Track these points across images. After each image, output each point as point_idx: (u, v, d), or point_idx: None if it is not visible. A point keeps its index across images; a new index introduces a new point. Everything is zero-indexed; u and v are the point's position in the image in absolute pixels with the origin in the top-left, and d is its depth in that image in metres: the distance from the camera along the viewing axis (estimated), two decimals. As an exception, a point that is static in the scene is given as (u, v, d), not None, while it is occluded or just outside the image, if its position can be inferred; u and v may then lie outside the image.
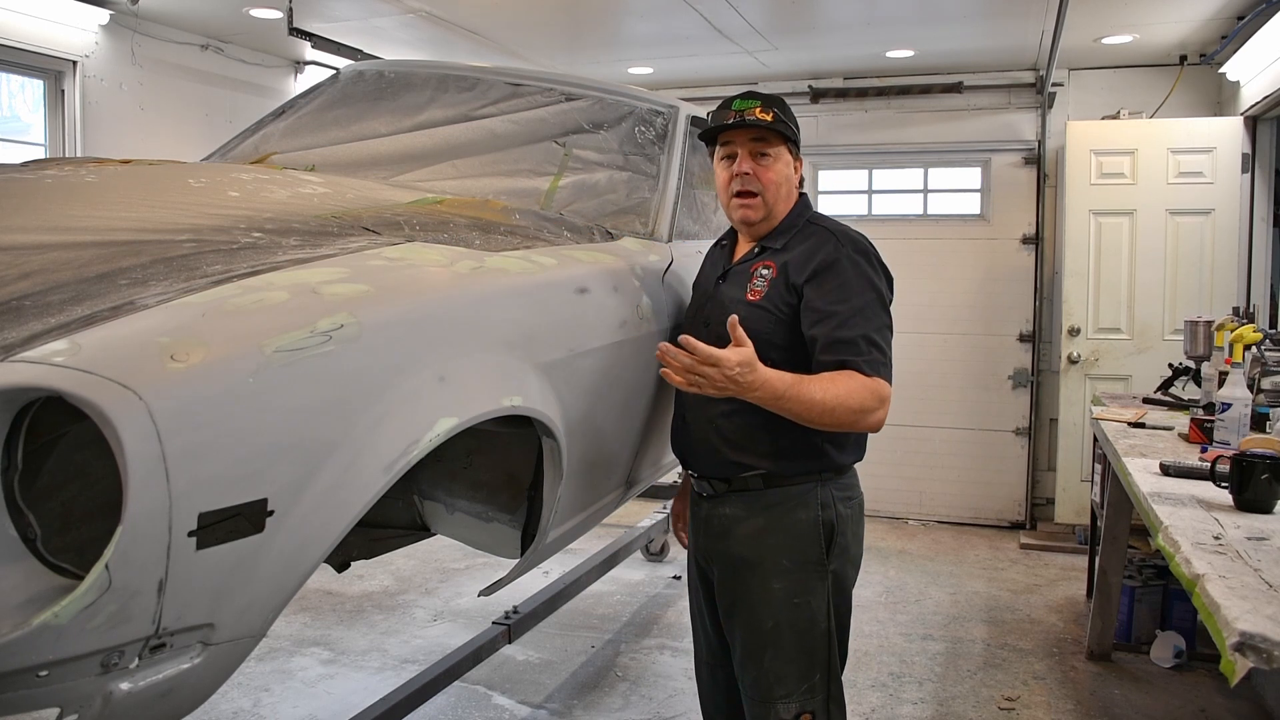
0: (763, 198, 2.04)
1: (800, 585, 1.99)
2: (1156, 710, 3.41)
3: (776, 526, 2.00)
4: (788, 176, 2.07)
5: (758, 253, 2.07)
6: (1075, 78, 5.68)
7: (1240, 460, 2.13)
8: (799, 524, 1.99)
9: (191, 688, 1.27)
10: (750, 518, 2.03)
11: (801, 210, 2.10)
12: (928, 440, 5.96)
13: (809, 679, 1.98)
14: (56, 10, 4.33)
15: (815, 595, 1.99)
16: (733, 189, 2.05)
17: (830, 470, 2.02)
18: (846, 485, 2.06)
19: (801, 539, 1.99)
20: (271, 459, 1.25)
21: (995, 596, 4.60)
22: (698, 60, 5.58)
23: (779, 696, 1.98)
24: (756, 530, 2.02)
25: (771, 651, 1.99)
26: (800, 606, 1.99)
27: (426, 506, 2.29)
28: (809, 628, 1.99)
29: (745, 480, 2.02)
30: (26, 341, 1.16)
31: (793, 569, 1.99)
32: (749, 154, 2.03)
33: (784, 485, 2.00)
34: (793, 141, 2.06)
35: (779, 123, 2.01)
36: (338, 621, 4.09)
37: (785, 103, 2.08)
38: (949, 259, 5.92)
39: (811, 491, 2.00)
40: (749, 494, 2.03)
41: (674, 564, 5.00)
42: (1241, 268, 5.11)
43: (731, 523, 2.05)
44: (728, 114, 2.04)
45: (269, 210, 1.78)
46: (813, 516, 1.99)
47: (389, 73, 2.99)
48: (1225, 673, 1.38)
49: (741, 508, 2.04)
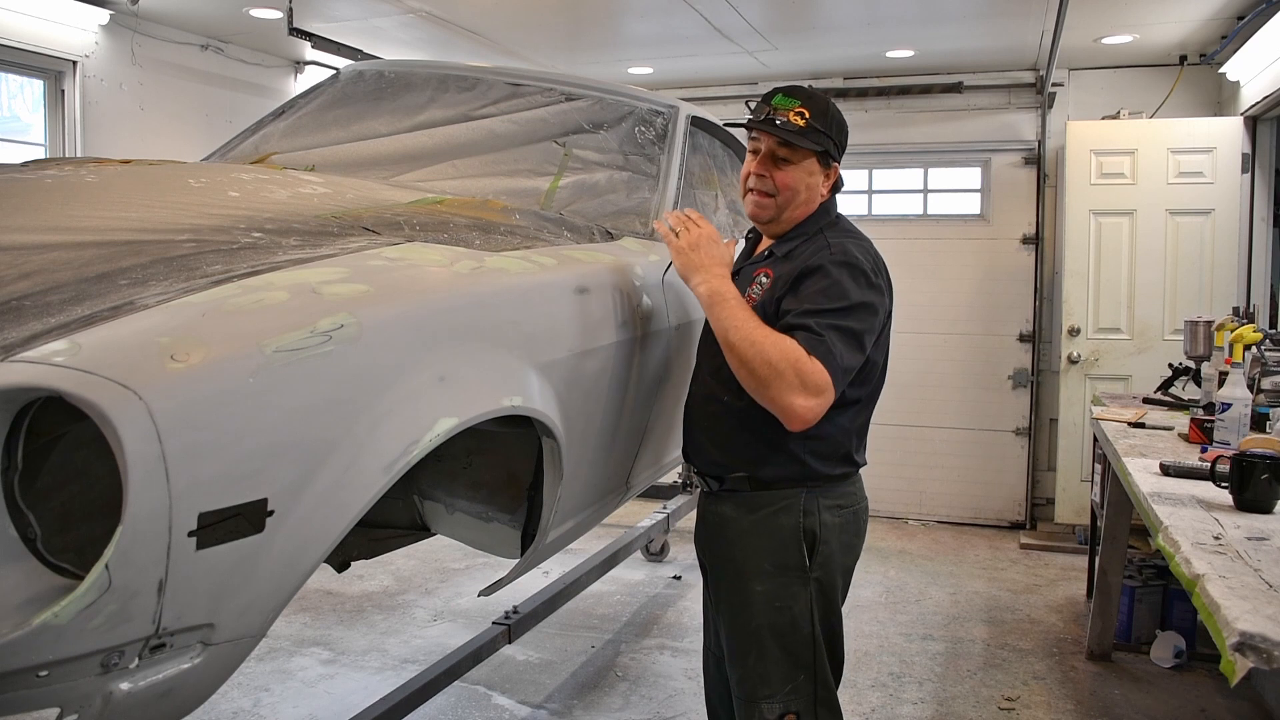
0: (775, 200, 2.01)
1: (781, 589, 1.98)
2: (1156, 710, 3.41)
3: (759, 530, 2.00)
4: (807, 184, 2.01)
5: (765, 257, 2.07)
6: (1075, 78, 5.68)
7: (1240, 460, 2.13)
8: (780, 529, 1.98)
9: (191, 688, 1.27)
10: (739, 519, 2.03)
11: (820, 218, 2.04)
12: (928, 440, 5.96)
13: (793, 680, 1.98)
14: (56, 10, 4.33)
15: (797, 600, 1.98)
16: (749, 185, 2.04)
17: (814, 479, 1.99)
18: (839, 494, 2.03)
19: (783, 544, 1.98)
20: (272, 459, 1.25)
21: (995, 596, 4.60)
22: (698, 60, 5.58)
23: (763, 697, 1.98)
24: (742, 532, 2.02)
25: (755, 652, 2.00)
26: (781, 610, 1.98)
27: (426, 506, 2.29)
28: (791, 631, 1.98)
29: (734, 481, 2.03)
30: (26, 341, 1.16)
31: (774, 573, 1.99)
32: (768, 154, 2.00)
33: (766, 490, 2.00)
34: (824, 151, 2.00)
35: (809, 132, 1.96)
36: (338, 621, 4.09)
37: (829, 107, 2.01)
38: (949, 259, 5.92)
39: (795, 498, 1.98)
40: (738, 495, 2.03)
41: (674, 564, 5.00)
42: (1241, 268, 5.11)
43: (724, 522, 2.06)
44: (765, 109, 1.99)
45: (269, 210, 1.78)
46: (794, 523, 1.98)
47: (389, 73, 2.99)
48: (1225, 673, 1.38)
49: (732, 508, 2.04)
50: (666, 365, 2.30)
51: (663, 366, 2.28)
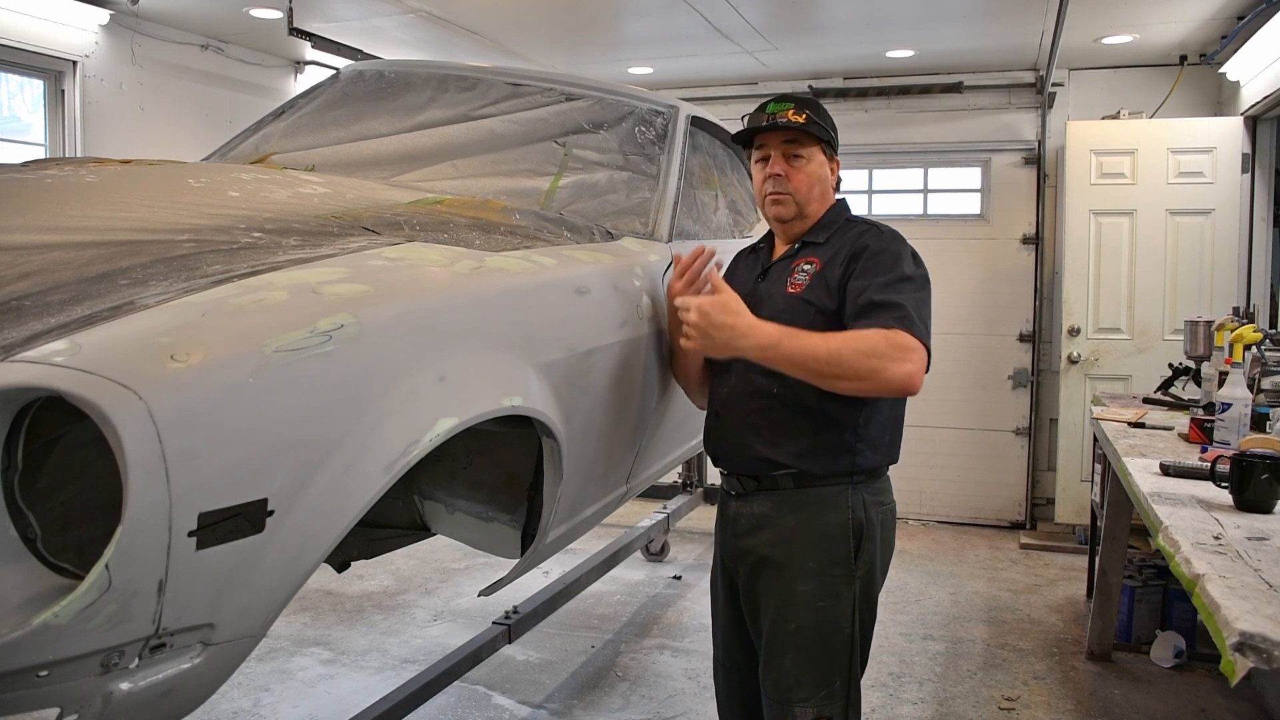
0: (794, 197, 2.05)
1: (826, 588, 1.97)
2: (1156, 710, 3.41)
3: (805, 528, 1.98)
4: (822, 177, 2.08)
5: (799, 248, 2.08)
6: (1075, 78, 5.68)
7: (1240, 460, 2.13)
8: (828, 526, 1.97)
9: (191, 688, 1.27)
10: (779, 517, 2.00)
11: (840, 210, 2.12)
12: (928, 440, 5.96)
13: (829, 684, 1.96)
14: (56, 10, 4.33)
15: (841, 599, 1.97)
16: (766, 189, 2.07)
17: (861, 473, 1.99)
18: (879, 490, 2.04)
19: (830, 542, 1.97)
20: (272, 459, 1.25)
21: (995, 596, 4.60)
22: (698, 60, 5.58)
23: (797, 700, 1.96)
24: (785, 530, 1.99)
25: (794, 654, 1.97)
26: (824, 610, 1.96)
27: (426, 506, 2.29)
28: (833, 631, 1.96)
29: (775, 479, 2.00)
30: (26, 341, 1.15)
31: (819, 571, 1.97)
32: (782, 155, 2.05)
33: (814, 486, 1.98)
34: (827, 143, 2.07)
35: (811, 124, 2.02)
36: (338, 621, 4.09)
37: (820, 106, 2.09)
38: (949, 259, 5.91)
39: (842, 494, 1.98)
40: (779, 493, 2.01)
41: (674, 564, 4.99)
42: (1241, 268, 5.11)
43: (760, 521, 2.03)
44: (762, 117, 2.05)
45: (269, 210, 1.78)
46: (842, 519, 1.97)
47: (389, 73, 2.99)
48: (1225, 673, 1.38)
49: (771, 506, 2.02)
50: (667, 365, 2.30)
51: (663, 366, 2.28)
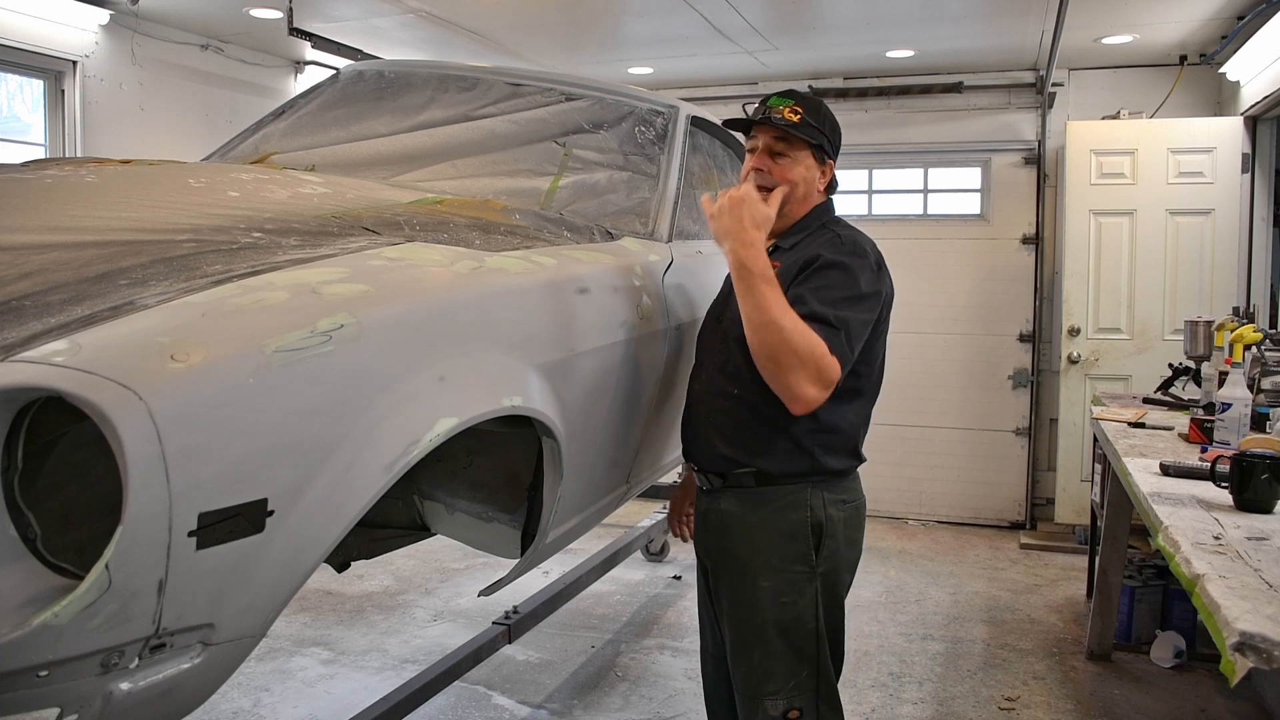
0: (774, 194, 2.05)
1: (788, 584, 2.00)
2: (1156, 710, 3.41)
3: (767, 525, 2.01)
4: (805, 179, 2.07)
5: (771, 251, 2.08)
6: (1075, 78, 5.68)
7: (1240, 460, 2.13)
8: (788, 524, 2.00)
9: (191, 688, 1.27)
10: (744, 515, 2.03)
11: (820, 214, 2.11)
12: (928, 440, 5.96)
13: (796, 675, 1.99)
14: (56, 10, 4.33)
15: (803, 595, 2.00)
16: (749, 181, 2.07)
17: (822, 473, 2.01)
18: (842, 489, 2.06)
19: (790, 539, 2.00)
20: (272, 459, 1.25)
21: (995, 596, 4.60)
22: (698, 60, 5.58)
23: (767, 693, 1.99)
24: (748, 528, 2.03)
25: (760, 649, 2.01)
26: (788, 605, 1.99)
27: (426, 506, 2.29)
28: (796, 626, 1.99)
29: (739, 477, 2.03)
30: (26, 341, 1.15)
31: (781, 568, 2.00)
32: (766, 150, 2.06)
33: (774, 484, 2.01)
34: (819, 146, 2.07)
35: (804, 126, 2.02)
36: (338, 621, 4.09)
37: (822, 108, 2.08)
38: (949, 259, 5.92)
39: (802, 493, 2.00)
40: (742, 490, 2.04)
41: (674, 564, 5.00)
42: (1241, 268, 5.11)
43: (727, 519, 2.06)
44: (761, 109, 2.07)
45: (269, 210, 1.78)
46: (802, 518, 2.00)
47: (389, 73, 2.99)
48: (1225, 673, 1.38)
49: (735, 504, 2.05)
50: (667, 365, 2.30)
51: (663, 366, 2.28)
